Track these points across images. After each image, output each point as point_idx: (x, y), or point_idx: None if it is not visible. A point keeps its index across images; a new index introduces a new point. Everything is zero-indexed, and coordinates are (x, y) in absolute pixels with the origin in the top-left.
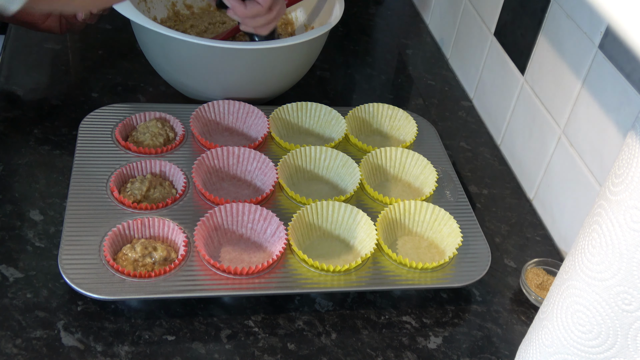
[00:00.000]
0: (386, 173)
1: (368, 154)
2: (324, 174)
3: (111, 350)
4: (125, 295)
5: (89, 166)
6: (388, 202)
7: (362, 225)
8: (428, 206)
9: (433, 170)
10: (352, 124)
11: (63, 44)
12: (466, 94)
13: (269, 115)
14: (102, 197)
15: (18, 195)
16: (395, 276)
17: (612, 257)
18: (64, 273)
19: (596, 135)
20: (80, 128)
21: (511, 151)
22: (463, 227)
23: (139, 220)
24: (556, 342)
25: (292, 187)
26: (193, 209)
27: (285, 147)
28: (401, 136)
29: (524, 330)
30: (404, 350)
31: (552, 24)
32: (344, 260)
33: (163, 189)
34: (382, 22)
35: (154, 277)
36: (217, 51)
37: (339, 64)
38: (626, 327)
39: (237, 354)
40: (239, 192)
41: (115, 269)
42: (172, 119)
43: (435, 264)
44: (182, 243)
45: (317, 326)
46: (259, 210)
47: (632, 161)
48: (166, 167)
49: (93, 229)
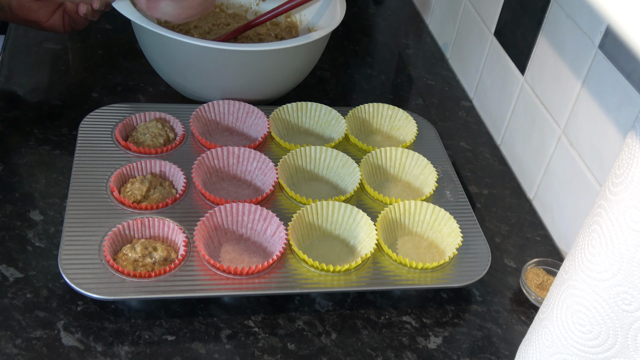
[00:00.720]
0: (386, 173)
1: (368, 154)
2: (324, 174)
3: (111, 350)
4: (125, 295)
5: (89, 166)
6: (388, 202)
7: (362, 225)
8: (428, 206)
9: (433, 170)
10: (352, 124)
11: (63, 44)
12: (466, 94)
13: (269, 115)
14: (102, 197)
15: (18, 195)
16: (395, 276)
17: (612, 257)
18: (64, 273)
19: (596, 135)
20: (80, 128)
21: (511, 151)
22: (463, 227)
23: (139, 220)
24: (556, 342)
25: (292, 187)
26: (193, 209)
27: (285, 147)
28: (401, 136)
29: (524, 330)
30: (404, 350)
31: (552, 24)
32: (344, 260)
33: (163, 189)
34: (382, 22)
35: (154, 277)
36: (216, 53)
37: (339, 64)
38: (626, 327)
39: (237, 354)
40: (239, 192)
41: (115, 269)
42: (172, 119)
43: (435, 264)
44: (182, 243)
45: (317, 326)
46: (259, 210)
47: (632, 161)
48: (166, 167)
49: (93, 229)
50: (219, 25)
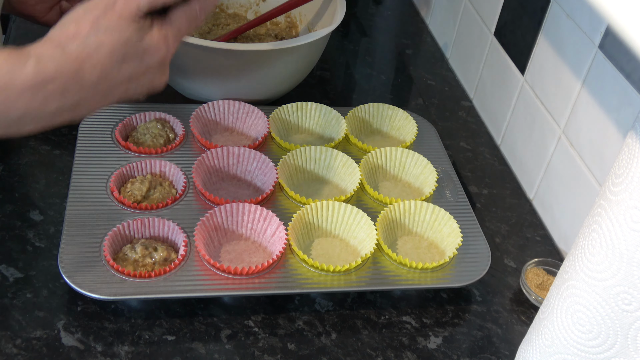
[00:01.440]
0: (386, 173)
1: (368, 154)
2: (324, 174)
3: (111, 350)
4: (125, 295)
5: (89, 166)
6: (388, 202)
7: (362, 225)
8: (428, 206)
9: (433, 170)
10: (352, 124)
11: None
12: (466, 94)
13: (269, 115)
14: (102, 197)
15: (18, 195)
16: (395, 276)
17: (612, 257)
18: (64, 273)
19: (596, 135)
20: (80, 128)
21: (511, 151)
22: (463, 227)
23: (139, 220)
24: (556, 342)
25: (292, 187)
26: (193, 209)
27: (285, 147)
28: (401, 136)
29: (524, 330)
30: (404, 350)
31: (552, 24)
32: (344, 260)
33: (163, 189)
34: (382, 22)
35: (154, 277)
36: (216, 53)
37: (339, 64)
38: (626, 327)
39: (237, 354)
40: (239, 192)
41: (115, 269)
42: (172, 119)
43: (435, 264)
44: (182, 243)
45: (317, 326)
46: (259, 210)
47: (632, 161)
48: (166, 167)
49: (93, 229)
50: (219, 25)
